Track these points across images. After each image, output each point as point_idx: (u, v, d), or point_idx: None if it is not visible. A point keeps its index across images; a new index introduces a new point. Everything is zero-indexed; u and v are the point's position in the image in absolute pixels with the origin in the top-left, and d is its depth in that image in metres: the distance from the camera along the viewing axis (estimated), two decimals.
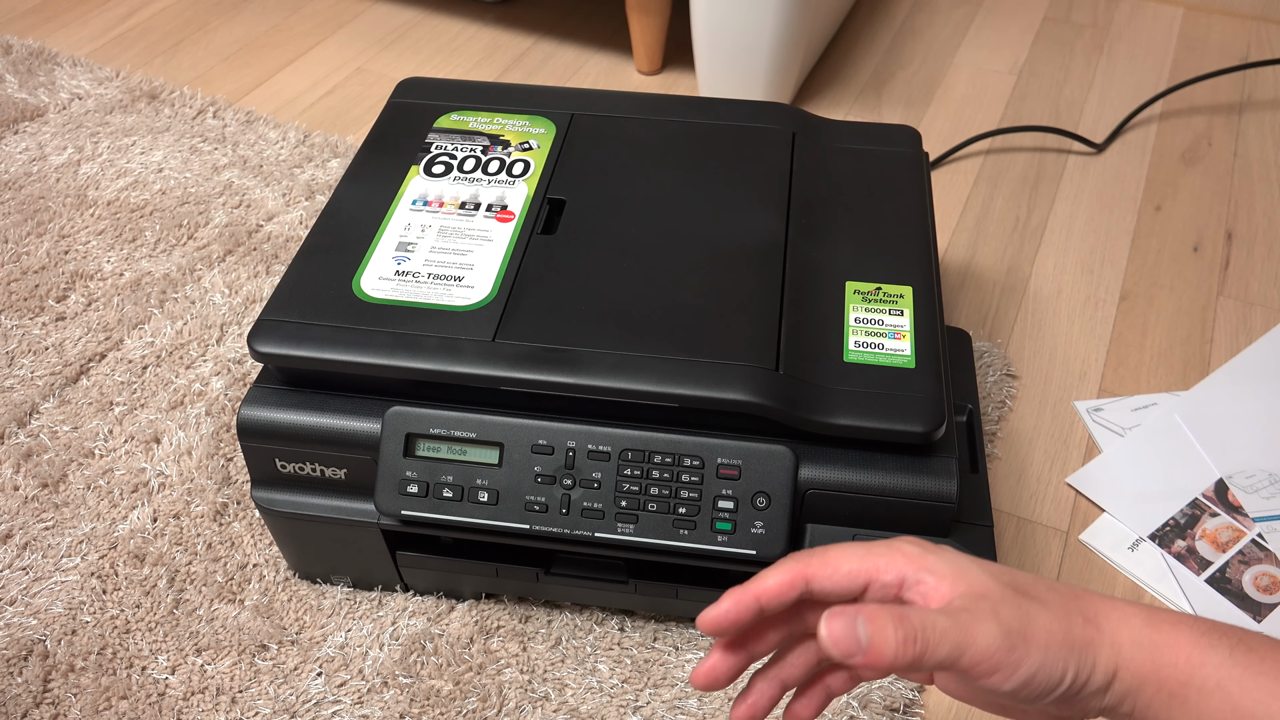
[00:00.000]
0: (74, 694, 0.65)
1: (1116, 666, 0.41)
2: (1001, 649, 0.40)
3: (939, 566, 0.42)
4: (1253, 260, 0.97)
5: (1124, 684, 0.41)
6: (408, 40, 1.28)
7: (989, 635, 0.40)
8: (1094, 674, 0.41)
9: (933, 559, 0.43)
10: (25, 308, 0.90)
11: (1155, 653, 0.41)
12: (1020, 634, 0.40)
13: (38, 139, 1.08)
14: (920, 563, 0.43)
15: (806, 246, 0.66)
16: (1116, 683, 0.41)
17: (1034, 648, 0.40)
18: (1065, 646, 0.41)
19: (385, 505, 0.60)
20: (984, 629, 0.40)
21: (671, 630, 0.68)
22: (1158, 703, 0.41)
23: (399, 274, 0.64)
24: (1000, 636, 0.40)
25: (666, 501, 0.58)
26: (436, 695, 0.65)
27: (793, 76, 1.11)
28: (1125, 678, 0.41)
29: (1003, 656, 0.40)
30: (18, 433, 0.80)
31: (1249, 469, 0.78)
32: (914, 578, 0.42)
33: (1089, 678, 0.41)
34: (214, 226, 0.98)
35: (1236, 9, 1.31)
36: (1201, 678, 0.40)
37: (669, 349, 0.59)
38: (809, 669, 0.47)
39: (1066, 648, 0.41)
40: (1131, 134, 1.12)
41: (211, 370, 0.85)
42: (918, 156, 0.74)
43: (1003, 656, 0.40)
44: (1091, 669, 0.41)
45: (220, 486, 0.76)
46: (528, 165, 0.72)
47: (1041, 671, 0.40)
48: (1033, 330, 0.91)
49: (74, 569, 0.71)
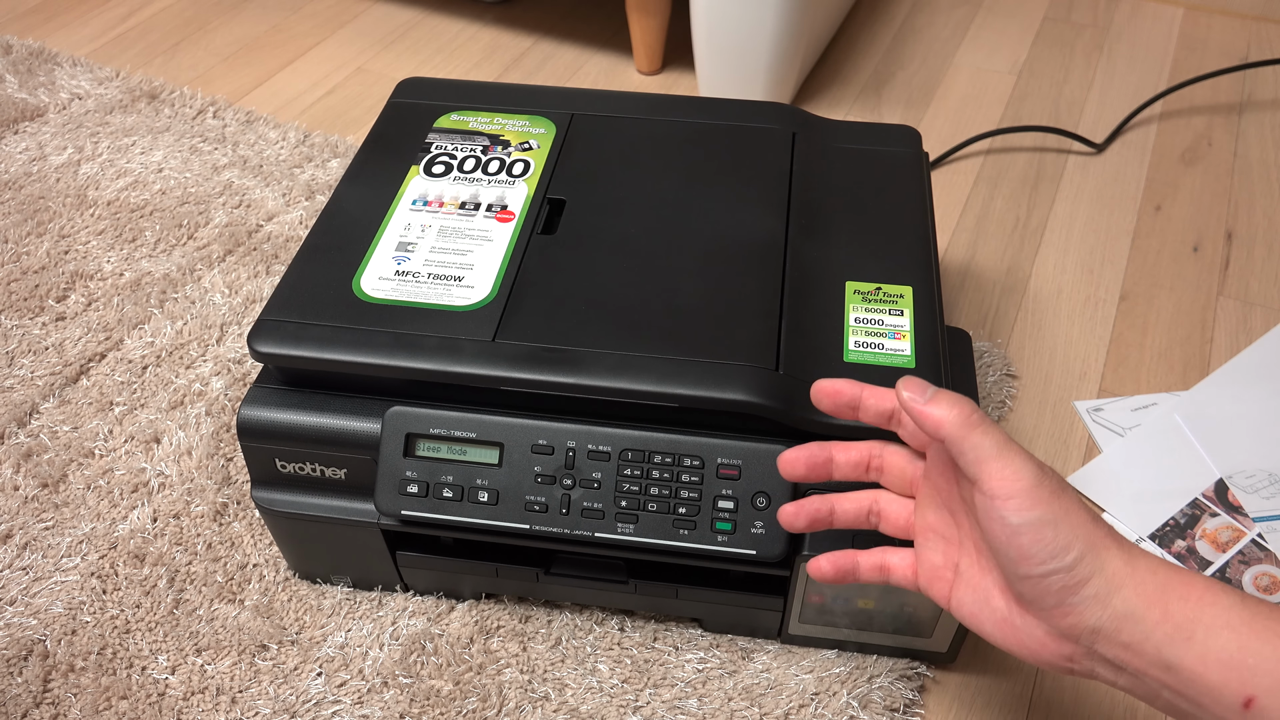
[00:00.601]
0: (74, 694, 0.65)
1: (1124, 582, 0.42)
2: (1029, 482, 0.43)
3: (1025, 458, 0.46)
4: (1253, 260, 0.97)
5: (1127, 603, 0.42)
6: (408, 40, 1.28)
7: (1026, 466, 0.43)
8: (1098, 576, 0.42)
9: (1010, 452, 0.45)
10: (25, 308, 0.90)
11: (1167, 586, 0.42)
12: (1050, 491, 0.43)
13: (38, 139, 1.08)
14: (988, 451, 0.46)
15: (806, 246, 0.66)
16: (1118, 599, 0.42)
17: (1056, 507, 0.43)
18: (1083, 531, 0.43)
19: (385, 505, 0.60)
20: (1024, 461, 0.44)
21: (671, 630, 0.68)
22: (1160, 634, 0.41)
23: (399, 274, 0.64)
24: (1034, 475, 0.43)
25: (666, 501, 0.58)
26: (436, 695, 0.65)
27: (793, 76, 1.11)
28: (1130, 597, 0.42)
29: (1027, 488, 0.43)
30: (18, 433, 0.80)
31: (1249, 469, 0.78)
32: None
33: (1092, 575, 0.42)
34: (214, 226, 0.98)
35: (1236, 9, 1.31)
36: (1211, 616, 0.40)
37: (669, 349, 0.59)
38: (860, 514, 0.53)
39: (1084, 534, 0.43)
40: (1131, 134, 1.12)
41: (211, 370, 0.85)
42: (918, 156, 0.74)
43: (1027, 488, 0.43)
44: (1098, 570, 0.42)
45: (220, 486, 0.76)
46: (528, 165, 0.72)
47: (1051, 530, 0.42)
48: (1033, 330, 0.91)
49: (74, 569, 0.71)
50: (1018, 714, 0.66)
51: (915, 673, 0.66)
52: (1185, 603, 0.41)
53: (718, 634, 0.68)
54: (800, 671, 0.66)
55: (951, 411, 0.44)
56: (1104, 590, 0.42)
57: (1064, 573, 0.42)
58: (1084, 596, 0.42)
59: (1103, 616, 0.42)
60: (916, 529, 0.51)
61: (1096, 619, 0.42)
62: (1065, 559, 0.42)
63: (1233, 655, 0.39)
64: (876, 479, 0.53)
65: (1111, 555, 0.42)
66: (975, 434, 0.44)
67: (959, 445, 0.44)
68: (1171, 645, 0.40)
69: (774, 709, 0.64)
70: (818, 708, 0.64)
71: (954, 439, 0.44)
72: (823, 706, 0.64)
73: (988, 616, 0.47)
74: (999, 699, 0.66)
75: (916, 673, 0.66)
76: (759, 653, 0.67)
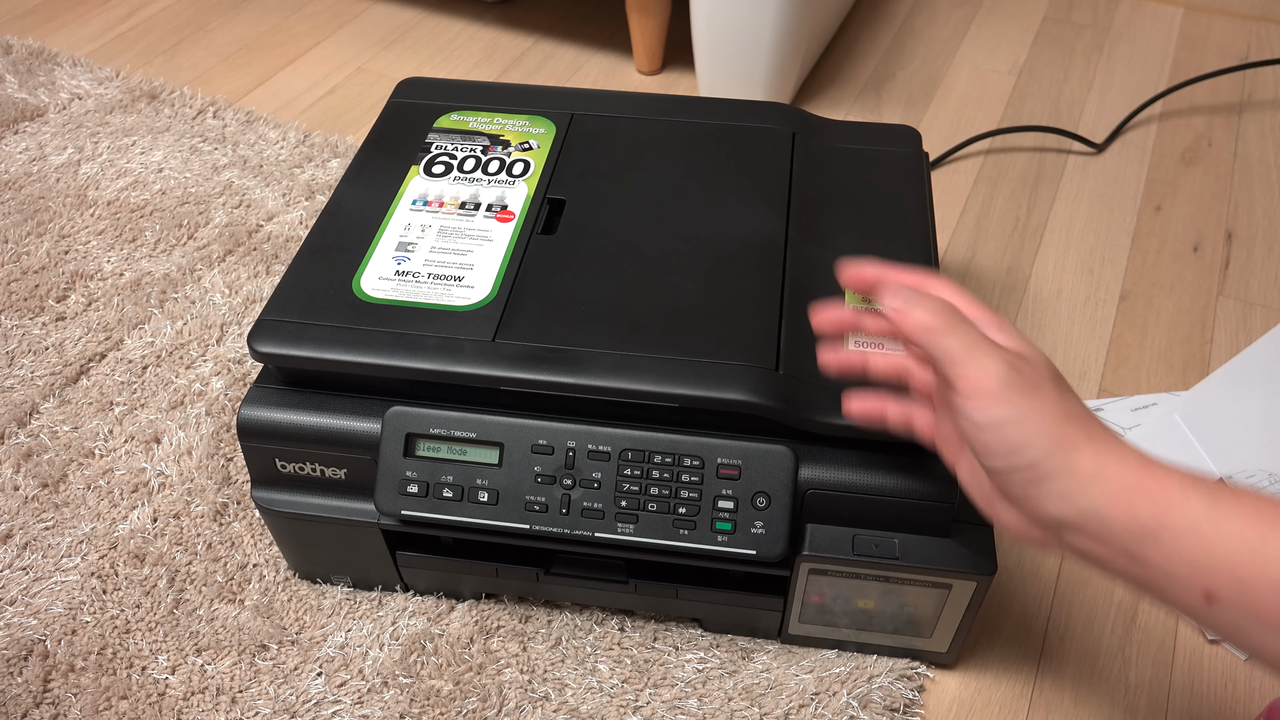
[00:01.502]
0: (74, 694, 0.65)
1: (1090, 482, 0.43)
2: (994, 383, 0.44)
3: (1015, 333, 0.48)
4: (1253, 260, 0.97)
5: (1093, 502, 0.42)
6: (408, 40, 1.28)
7: (993, 367, 0.44)
8: (1064, 475, 0.43)
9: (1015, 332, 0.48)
10: (25, 308, 0.90)
11: (1135, 488, 0.42)
12: (1019, 390, 0.44)
13: (38, 139, 1.08)
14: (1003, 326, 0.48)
15: (806, 246, 0.66)
16: (1083, 498, 0.43)
17: (1022, 406, 0.44)
18: (1049, 429, 0.43)
19: (385, 505, 0.60)
20: (992, 362, 0.44)
21: (671, 630, 0.68)
22: (1125, 534, 0.42)
23: (399, 274, 0.64)
24: (1001, 375, 0.44)
25: (666, 501, 0.58)
26: (436, 695, 0.65)
27: (793, 76, 1.11)
28: (1096, 497, 0.42)
29: (992, 388, 0.44)
30: (18, 433, 0.80)
31: (1249, 469, 0.78)
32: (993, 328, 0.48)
33: (1055, 473, 0.43)
34: (214, 226, 0.98)
35: (1236, 9, 1.31)
36: (1175, 517, 0.41)
37: (669, 349, 0.59)
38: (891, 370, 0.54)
39: (1050, 432, 0.43)
40: (1131, 134, 1.12)
41: (211, 370, 0.85)
42: (918, 156, 0.74)
43: (992, 388, 0.44)
44: (1063, 468, 0.43)
45: (220, 486, 0.76)
46: (528, 165, 0.72)
47: (1014, 429, 0.44)
48: (1033, 330, 0.91)
49: (74, 569, 0.71)
50: (1018, 714, 0.66)
51: (915, 673, 0.66)
52: (1153, 506, 0.41)
53: (718, 634, 0.68)
54: (800, 671, 0.66)
55: (924, 317, 0.46)
56: (1069, 488, 0.43)
57: (1025, 469, 0.44)
58: (1047, 491, 0.43)
59: (1068, 512, 0.43)
60: (935, 398, 0.53)
61: (1060, 513, 0.43)
62: (1026, 456, 0.43)
63: (1195, 556, 0.40)
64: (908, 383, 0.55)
65: (1081, 454, 0.43)
66: (943, 338, 0.45)
67: (932, 350, 0.46)
68: (1137, 544, 0.42)
69: (774, 709, 0.64)
70: (818, 708, 0.64)
71: (927, 344, 0.46)
72: (823, 706, 0.64)
73: (978, 492, 0.50)
74: (999, 699, 0.66)
75: (916, 673, 0.66)
76: (759, 653, 0.67)
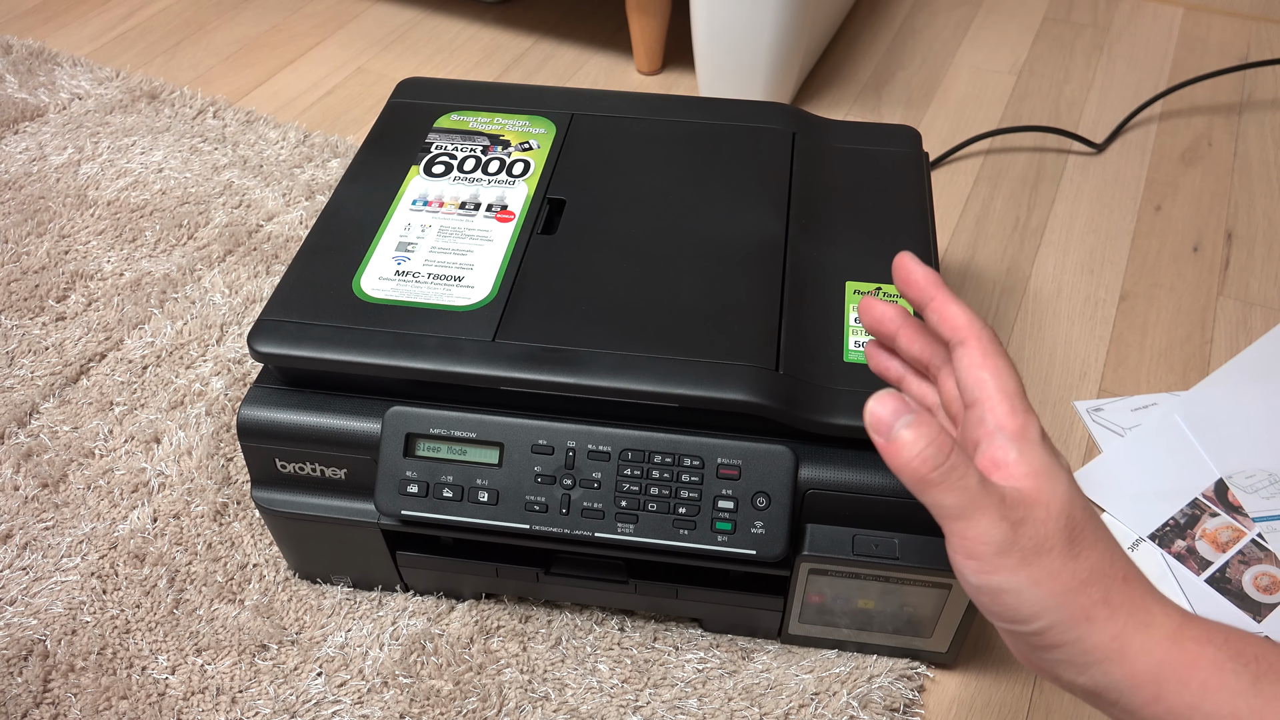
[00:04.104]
0: (74, 694, 0.65)
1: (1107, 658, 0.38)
2: (990, 549, 0.39)
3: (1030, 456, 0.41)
4: (1253, 260, 0.97)
5: (1109, 677, 0.38)
6: (408, 40, 1.28)
7: (991, 529, 0.39)
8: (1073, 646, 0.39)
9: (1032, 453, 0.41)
10: (25, 308, 0.90)
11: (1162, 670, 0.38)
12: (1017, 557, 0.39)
13: (38, 139, 1.08)
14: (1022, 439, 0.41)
15: (806, 246, 0.66)
16: (1098, 671, 0.39)
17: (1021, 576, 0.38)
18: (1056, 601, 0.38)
19: (385, 505, 0.60)
20: (991, 521, 0.39)
21: (671, 630, 0.68)
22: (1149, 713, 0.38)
23: (399, 274, 0.64)
24: (999, 539, 0.39)
25: (666, 501, 0.58)
26: (436, 695, 0.65)
27: (793, 76, 1.11)
28: (1112, 672, 0.38)
29: (986, 554, 0.39)
30: (18, 433, 0.80)
31: (1249, 469, 0.78)
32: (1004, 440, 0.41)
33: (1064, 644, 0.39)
34: (214, 226, 0.98)
35: (1236, 9, 1.31)
36: (1214, 704, 0.37)
37: (669, 349, 0.59)
38: (922, 396, 0.49)
39: (1058, 604, 0.38)
40: (1131, 134, 1.12)
41: (211, 370, 0.85)
42: (918, 156, 0.74)
43: (986, 554, 0.39)
44: (1073, 640, 0.39)
45: (220, 486, 0.76)
46: (528, 165, 0.72)
47: (1011, 597, 0.39)
48: (1033, 330, 0.91)
49: (74, 569, 0.71)
50: (1017, 714, 0.66)
51: (915, 673, 0.66)
52: (1185, 691, 0.37)
53: (718, 634, 0.68)
54: (800, 671, 0.66)
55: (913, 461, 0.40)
56: (1079, 659, 0.39)
57: (1031, 635, 0.39)
58: (1054, 659, 0.39)
59: (1081, 681, 0.39)
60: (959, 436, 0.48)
61: (1074, 681, 0.40)
62: (1030, 625, 0.39)
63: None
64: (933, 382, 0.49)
65: (1095, 628, 0.38)
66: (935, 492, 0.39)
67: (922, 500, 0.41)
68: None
69: (774, 709, 0.64)
70: (818, 708, 0.64)
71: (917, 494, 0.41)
72: (823, 706, 0.64)
73: None
74: (999, 699, 0.66)
75: (916, 673, 0.66)
76: (759, 653, 0.67)
